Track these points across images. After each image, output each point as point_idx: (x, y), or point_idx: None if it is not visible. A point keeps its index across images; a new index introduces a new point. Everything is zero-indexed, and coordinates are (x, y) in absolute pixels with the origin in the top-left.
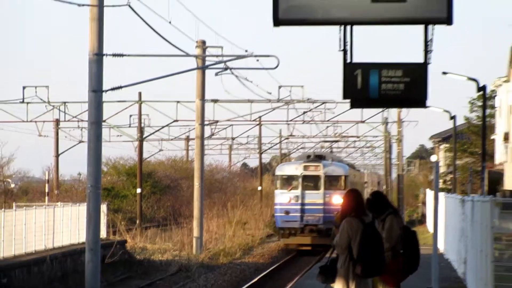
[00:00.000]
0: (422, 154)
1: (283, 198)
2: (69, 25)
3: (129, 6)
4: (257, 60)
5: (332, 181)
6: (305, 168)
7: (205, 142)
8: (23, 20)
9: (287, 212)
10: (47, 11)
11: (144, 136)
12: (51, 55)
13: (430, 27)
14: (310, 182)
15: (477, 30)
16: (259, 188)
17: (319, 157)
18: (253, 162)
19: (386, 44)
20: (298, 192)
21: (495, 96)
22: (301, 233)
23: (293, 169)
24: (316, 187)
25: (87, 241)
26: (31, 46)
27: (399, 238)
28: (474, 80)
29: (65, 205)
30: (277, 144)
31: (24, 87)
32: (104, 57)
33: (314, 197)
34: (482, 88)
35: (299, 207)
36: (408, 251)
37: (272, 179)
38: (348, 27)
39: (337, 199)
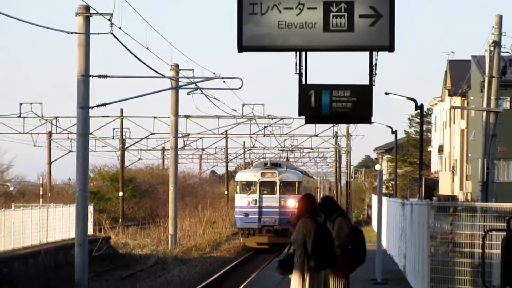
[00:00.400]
0: (367, 164)
1: (243, 201)
2: (61, 48)
3: (112, 34)
4: (224, 81)
5: (286, 186)
6: (262, 174)
7: (179, 152)
8: (20, 42)
9: (246, 214)
10: (41, 34)
11: (125, 146)
12: (44, 74)
13: (374, 53)
14: (267, 187)
15: (416, 55)
16: (226, 192)
17: (275, 165)
18: (221, 170)
19: (336, 68)
20: (256, 196)
21: (431, 113)
22: (259, 233)
23: (251, 175)
24: (272, 192)
25: (76, 237)
26: (27, 67)
27: (347, 236)
28: (412, 99)
29: (57, 206)
30: (241, 154)
31: (21, 104)
32: (90, 78)
33: (271, 200)
34: (419, 107)
35: (257, 209)
36: (355, 247)
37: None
38: (304, 53)
39: (291, 203)
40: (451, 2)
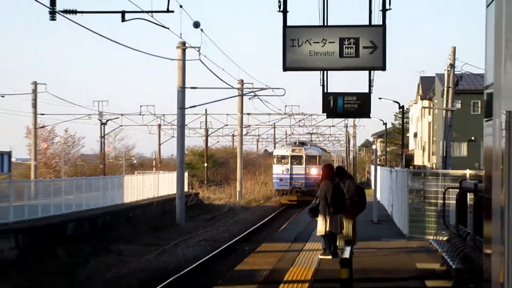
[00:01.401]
0: (367, 144)
1: (278, 170)
2: (164, 69)
3: (200, 60)
4: (273, 90)
5: (310, 159)
6: (293, 150)
7: (243, 138)
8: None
9: (281, 179)
10: (151, 60)
11: (208, 133)
12: (155, 86)
13: (372, 72)
14: (296, 159)
15: (399, 71)
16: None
17: (302, 144)
18: (270, 149)
19: (347, 81)
20: (288, 166)
21: (409, 111)
22: (290, 193)
23: (285, 151)
24: (300, 163)
25: (177, 193)
26: (143, 80)
27: (354, 192)
28: (397, 102)
29: (164, 172)
30: (284, 138)
31: (140, 106)
32: (186, 89)
33: (299, 169)
34: (401, 107)
35: (288, 176)
36: (359, 199)
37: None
38: (326, 72)
39: (314, 171)
40: (421, 34)
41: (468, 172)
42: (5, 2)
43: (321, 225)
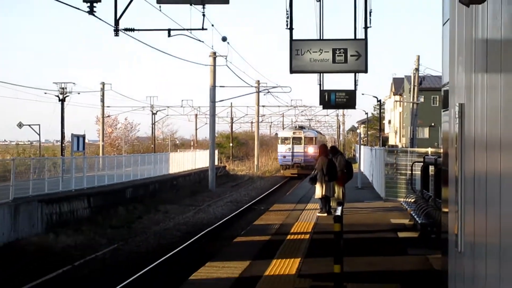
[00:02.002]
0: (353, 129)
1: (282, 149)
2: (202, 72)
3: (227, 66)
4: (282, 88)
5: (308, 140)
6: (294, 133)
7: (259, 124)
8: (178, 70)
9: (284, 156)
10: (186, 65)
11: (233, 121)
12: (192, 84)
13: (357, 74)
14: (296, 140)
15: (378, 73)
16: None
17: (301, 127)
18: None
19: (339, 81)
20: (290, 146)
21: (385, 104)
22: (292, 167)
23: (287, 133)
24: (300, 143)
25: (209, 165)
26: (184, 80)
27: (344, 165)
28: (375, 97)
29: (199, 150)
30: (290, 125)
31: (182, 100)
32: (216, 87)
33: (299, 148)
34: (379, 100)
35: (290, 153)
36: (348, 171)
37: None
38: (322, 74)
39: (311, 150)
40: (393, 44)
41: (430, 150)
42: (81, 22)
43: (319, 190)
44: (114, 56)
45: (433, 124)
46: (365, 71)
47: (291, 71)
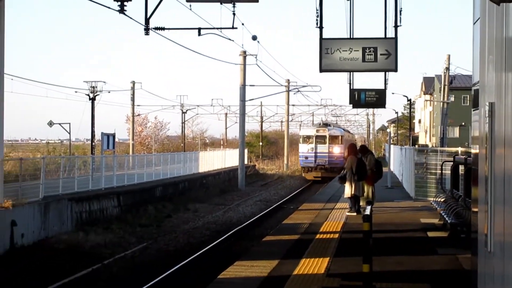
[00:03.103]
0: (383, 128)
1: (304, 148)
2: (229, 71)
3: (257, 64)
4: (312, 87)
5: (333, 139)
6: (317, 131)
7: (289, 123)
8: (212, 70)
9: (306, 157)
10: (220, 64)
11: (263, 120)
12: (224, 84)
13: (387, 73)
14: (320, 139)
15: (407, 72)
16: None
17: (326, 125)
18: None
19: (368, 80)
20: (313, 145)
21: (415, 103)
22: (315, 170)
23: (310, 131)
24: (324, 142)
25: (239, 164)
26: (216, 80)
27: (374, 164)
28: (405, 96)
29: (229, 149)
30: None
31: (212, 99)
32: (246, 86)
33: (322, 148)
34: (409, 100)
35: (313, 154)
36: (377, 170)
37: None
38: (352, 73)
39: (337, 150)
40: (424, 43)
41: (459, 149)
42: (113, 21)
43: (348, 189)
44: (144, 55)
45: (463, 123)
46: (395, 70)
47: (321, 70)
